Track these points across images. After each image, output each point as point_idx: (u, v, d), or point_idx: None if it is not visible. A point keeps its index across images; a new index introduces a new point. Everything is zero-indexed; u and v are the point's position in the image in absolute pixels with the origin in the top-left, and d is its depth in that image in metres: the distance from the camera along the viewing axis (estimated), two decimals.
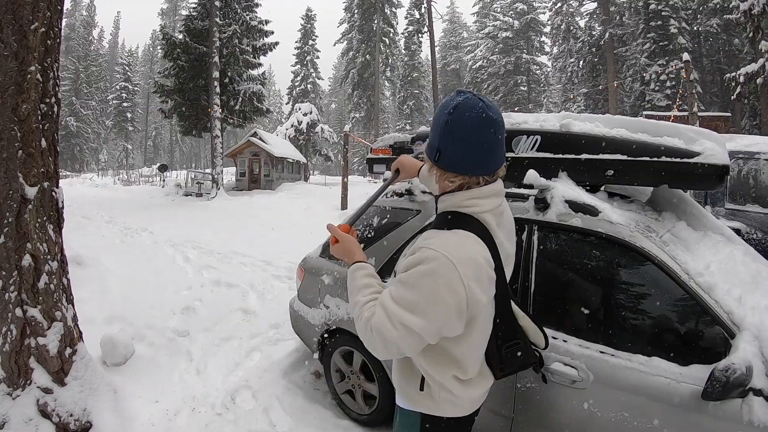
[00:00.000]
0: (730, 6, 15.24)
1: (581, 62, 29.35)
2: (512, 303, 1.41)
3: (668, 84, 23.99)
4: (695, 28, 25.57)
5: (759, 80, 13.29)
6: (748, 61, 17.18)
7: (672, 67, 19.67)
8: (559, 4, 31.91)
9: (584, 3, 30.22)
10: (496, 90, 37.74)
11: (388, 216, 2.83)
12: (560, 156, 2.34)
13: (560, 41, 32.05)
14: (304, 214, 13.13)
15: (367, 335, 1.21)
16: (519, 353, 1.40)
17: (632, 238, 2.00)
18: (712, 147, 2.17)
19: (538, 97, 38.23)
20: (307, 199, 16.87)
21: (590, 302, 2.13)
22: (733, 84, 14.72)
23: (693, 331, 1.92)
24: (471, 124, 1.17)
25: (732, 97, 15.65)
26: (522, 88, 38.01)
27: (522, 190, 2.36)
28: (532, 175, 2.21)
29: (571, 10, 31.47)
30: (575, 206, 2.13)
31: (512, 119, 2.52)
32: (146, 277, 5.86)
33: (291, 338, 3.91)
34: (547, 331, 1.62)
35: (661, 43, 24.29)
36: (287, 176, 26.48)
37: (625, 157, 2.22)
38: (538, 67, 38.51)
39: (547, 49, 37.30)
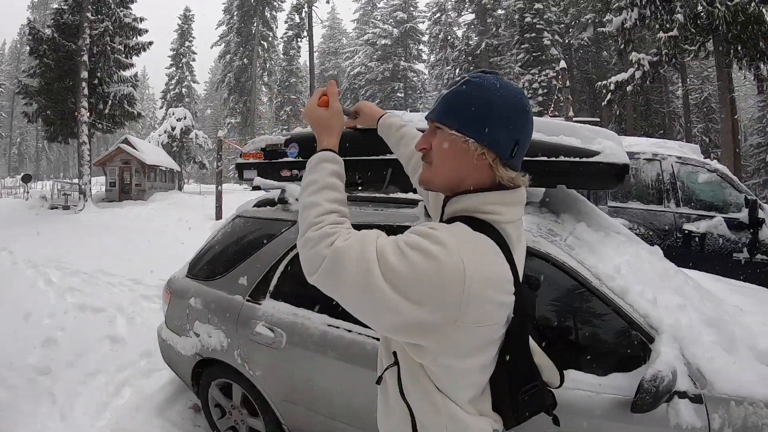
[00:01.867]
0: (604, 20, 17.43)
1: (457, 70, 32.23)
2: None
3: (540, 92, 27.05)
4: (567, 41, 28.91)
5: (629, 88, 15.17)
6: (617, 71, 19.67)
7: (544, 76, 21.81)
8: (438, 14, 34.67)
9: (463, 14, 32.79)
10: (374, 96, 40.16)
11: (260, 228, 2.73)
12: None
13: (438, 50, 34.99)
14: (177, 226, 13.25)
15: (314, 254, 0.98)
16: (537, 397, 1.16)
17: (536, 243, 1.97)
18: (612, 146, 2.19)
19: (415, 103, 41.15)
20: (181, 209, 17.01)
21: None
22: (604, 91, 16.97)
23: (610, 338, 1.94)
24: (529, 110, 1.07)
25: (603, 104, 18.00)
26: (399, 94, 40.77)
27: (410, 195, 2.34)
28: None
29: (449, 20, 34.35)
30: None
31: (404, 118, 2.41)
32: (2, 305, 5.50)
33: (164, 368, 3.66)
34: None
35: (534, 54, 27.41)
36: (160, 185, 26.34)
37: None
38: (415, 74, 41.84)
39: (425, 57, 41.03)
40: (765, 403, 1.67)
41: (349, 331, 2.26)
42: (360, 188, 2.49)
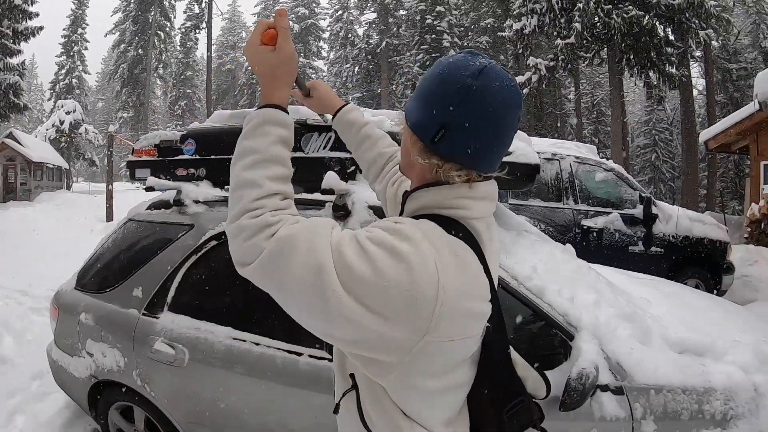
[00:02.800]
0: (504, 26, 18.38)
1: (357, 68, 32.94)
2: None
3: None
4: (466, 44, 30.32)
5: (525, 90, 16.15)
6: (513, 74, 20.87)
7: None
8: (340, 12, 35.28)
9: (365, 12, 33.53)
10: None
11: (154, 233, 2.56)
12: (339, 155, 2.38)
13: (338, 47, 35.65)
14: (65, 229, 12.76)
15: (249, 246, 0.84)
16: (523, 413, 1.06)
17: None
18: (523, 147, 2.25)
19: None
20: (70, 210, 16.27)
21: None
22: None
23: (531, 338, 1.98)
24: (501, 101, 0.88)
25: None
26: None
27: (316, 196, 2.26)
28: (331, 179, 2.08)
29: (351, 18, 34.93)
30: (380, 212, 2.01)
31: (300, 113, 2.45)
32: None
33: (60, 389, 3.43)
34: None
35: (433, 55, 28.25)
36: (47, 184, 24.90)
37: None
38: (314, 71, 42.13)
39: (324, 54, 41.32)
40: (682, 389, 1.83)
41: (257, 344, 2.13)
42: None
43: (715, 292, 5.32)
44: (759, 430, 1.81)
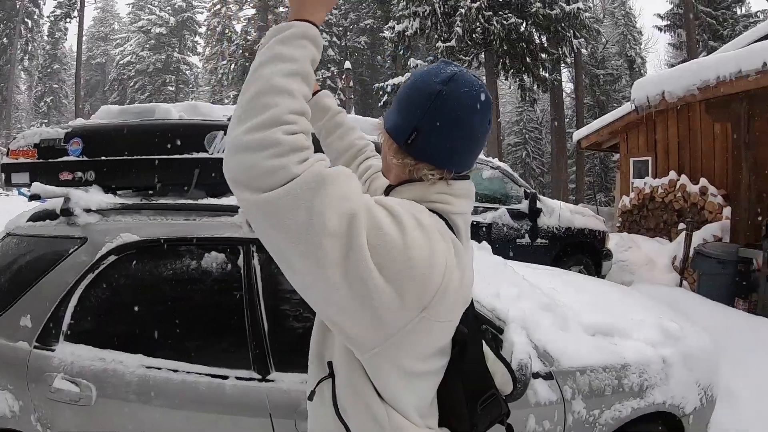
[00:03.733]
0: (384, 27, 19.04)
1: (233, 65, 32.12)
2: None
3: None
4: (344, 43, 30.56)
5: None
6: (390, 74, 21.61)
7: (320, 76, 23.10)
8: (219, 6, 34.10)
9: (244, 8, 32.54)
10: (143, 89, 37.98)
11: (39, 249, 2.21)
12: None
13: (214, 43, 34.65)
14: None
15: (275, 165, 0.75)
16: (494, 407, 1.09)
17: None
18: None
19: (186, 98, 39.61)
20: None
21: None
22: (381, 93, 18.62)
23: None
24: (469, 104, 0.95)
25: (379, 105, 19.73)
26: (170, 87, 39.19)
27: (225, 201, 2.11)
28: None
29: (230, 13, 33.81)
30: None
31: (200, 110, 2.36)
32: None
33: None
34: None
35: None
36: None
37: None
38: (188, 67, 40.77)
39: (200, 49, 39.71)
40: (602, 368, 2.05)
41: (175, 371, 1.91)
42: (152, 193, 2.20)
43: (596, 277, 5.88)
44: (671, 395, 2.14)
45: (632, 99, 6.11)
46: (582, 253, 6.53)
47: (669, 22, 23.45)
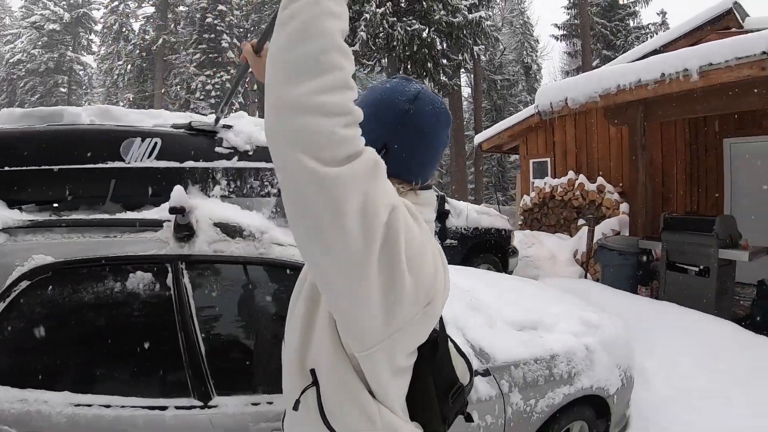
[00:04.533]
0: None
1: (129, 66, 30.62)
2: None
3: (213, 94, 27.74)
4: None
5: None
6: None
7: (219, 78, 22.47)
8: (116, 3, 31.80)
9: (143, 5, 30.70)
10: (34, 90, 34.99)
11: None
12: (193, 165, 2.10)
13: (111, 42, 32.38)
14: None
15: (352, 129, 0.72)
16: (460, 399, 1.14)
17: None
18: None
19: (79, 100, 36.90)
20: None
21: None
22: None
23: None
24: (434, 122, 1.03)
25: None
26: (62, 89, 36.32)
27: (144, 215, 1.94)
28: (180, 195, 1.81)
29: (128, 10, 31.84)
30: (229, 229, 1.90)
31: (113, 115, 2.19)
32: None
33: None
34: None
35: (211, 55, 27.84)
36: None
37: None
38: (82, 67, 37.96)
39: (95, 48, 36.94)
40: (534, 360, 2.20)
41: (108, 406, 1.70)
42: (57, 206, 1.96)
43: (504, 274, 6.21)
44: (596, 380, 2.35)
45: (536, 105, 6.50)
46: (489, 251, 6.85)
47: (565, 32, 25.09)
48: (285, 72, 0.70)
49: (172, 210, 1.77)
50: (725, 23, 6.86)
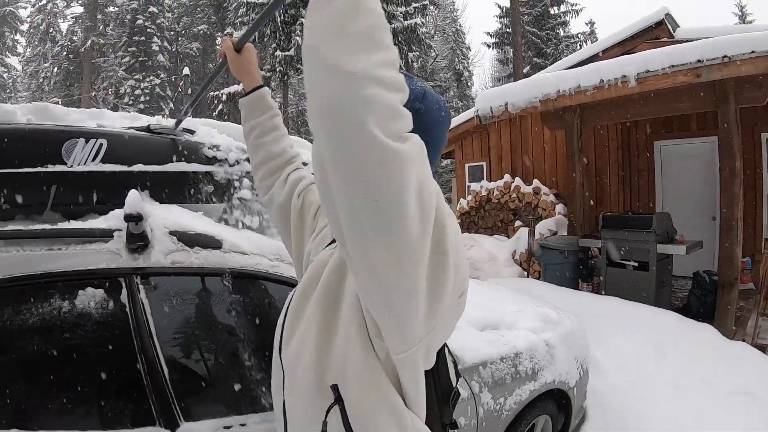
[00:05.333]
0: (220, 34, 18.15)
1: (56, 68, 29.31)
2: None
3: (143, 98, 26.95)
4: (175, 49, 29.45)
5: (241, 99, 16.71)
6: (223, 83, 21.35)
7: (148, 82, 21.84)
8: (44, 1, 29.96)
9: (72, 5, 29.12)
10: None
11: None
12: (143, 169, 1.96)
13: (37, 43, 30.49)
14: None
15: (402, 108, 0.68)
16: (455, 403, 1.10)
17: (276, 268, 1.85)
18: None
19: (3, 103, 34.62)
20: None
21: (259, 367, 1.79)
22: (216, 102, 18.30)
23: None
24: (440, 119, 1.03)
25: (214, 114, 19.30)
26: None
27: (88, 224, 1.71)
28: (135, 200, 1.63)
29: (56, 10, 30.10)
30: (187, 238, 1.73)
31: (53, 113, 2.00)
32: None
33: None
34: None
35: (141, 59, 27.06)
36: None
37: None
38: (6, 70, 35.94)
39: (21, 49, 34.79)
40: (500, 359, 2.22)
41: None
42: None
43: None
44: (558, 373, 2.42)
45: (476, 109, 6.61)
46: None
47: (497, 40, 25.83)
48: (347, 43, 0.66)
49: (128, 217, 1.59)
50: (657, 33, 7.24)
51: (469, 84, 31.18)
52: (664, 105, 5.10)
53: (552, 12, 24.73)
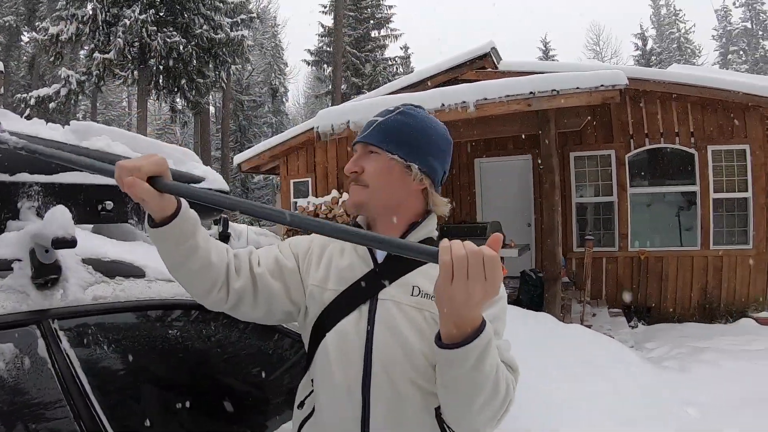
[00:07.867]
0: (38, 27, 15.51)
1: None
2: None
3: None
4: None
5: (52, 105, 14.39)
6: (26, 84, 18.34)
7: None
8: None
9: None
10: None
11: None
12: (29, 178, 1.47)
13: None
14: None
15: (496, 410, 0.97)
16: None
17: None
18: (208, 171, 2.18)
19: None
20: None
21: (207, 400, 1.61)
22: (23, 105, 15.41)
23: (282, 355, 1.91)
24: (450, 141, 1.24)
25: (24, 117, 16.19)
26: None
27: None
28: (64, 217, 1.24)
29: None
30: (105, 267, 1.41)
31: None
32: None
33: None
34: None
35: None
36: None
37: None
38: None
39: None
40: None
41: None
42: None
43: None
44: None
45: (316, 126, 6.64)
46: None
47: (317, 58, 26.39)
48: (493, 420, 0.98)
49: (58, 243, 1.18)
50: (482, 64, 7.91)
51: (284, 100, 31.31)
52: (495, 127, 5.77)
53: (373, 35, 26.05)
